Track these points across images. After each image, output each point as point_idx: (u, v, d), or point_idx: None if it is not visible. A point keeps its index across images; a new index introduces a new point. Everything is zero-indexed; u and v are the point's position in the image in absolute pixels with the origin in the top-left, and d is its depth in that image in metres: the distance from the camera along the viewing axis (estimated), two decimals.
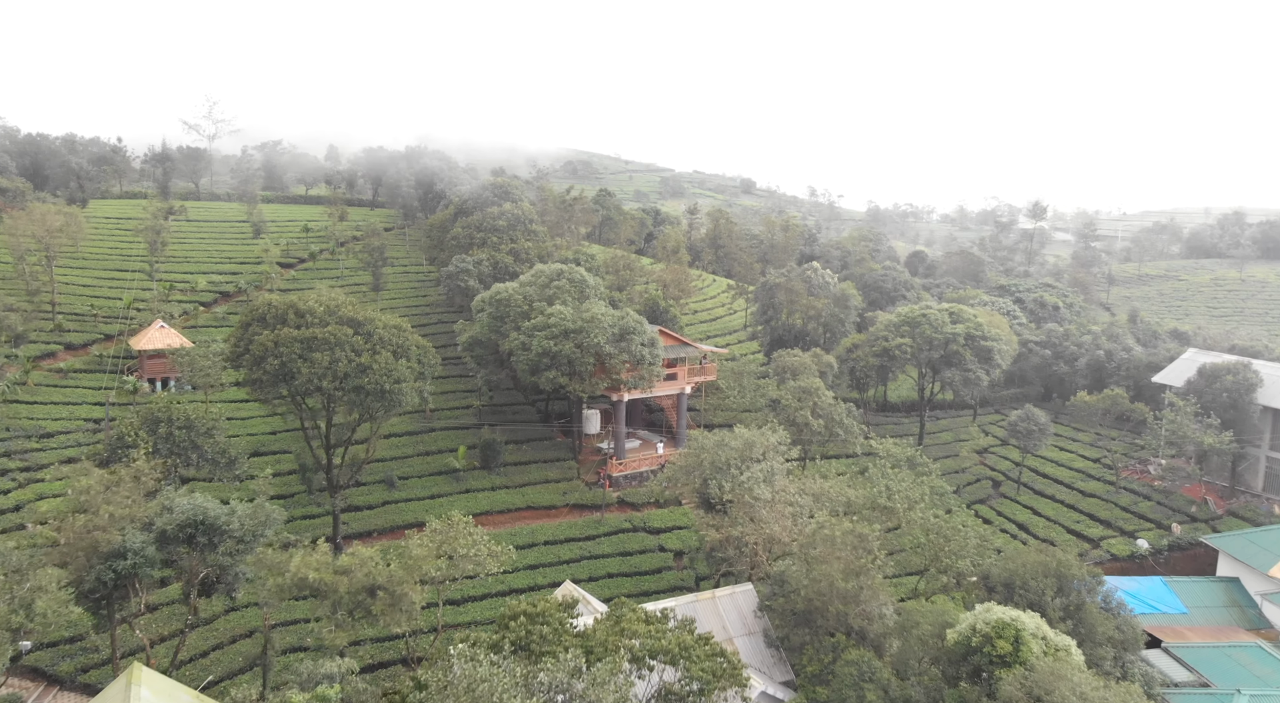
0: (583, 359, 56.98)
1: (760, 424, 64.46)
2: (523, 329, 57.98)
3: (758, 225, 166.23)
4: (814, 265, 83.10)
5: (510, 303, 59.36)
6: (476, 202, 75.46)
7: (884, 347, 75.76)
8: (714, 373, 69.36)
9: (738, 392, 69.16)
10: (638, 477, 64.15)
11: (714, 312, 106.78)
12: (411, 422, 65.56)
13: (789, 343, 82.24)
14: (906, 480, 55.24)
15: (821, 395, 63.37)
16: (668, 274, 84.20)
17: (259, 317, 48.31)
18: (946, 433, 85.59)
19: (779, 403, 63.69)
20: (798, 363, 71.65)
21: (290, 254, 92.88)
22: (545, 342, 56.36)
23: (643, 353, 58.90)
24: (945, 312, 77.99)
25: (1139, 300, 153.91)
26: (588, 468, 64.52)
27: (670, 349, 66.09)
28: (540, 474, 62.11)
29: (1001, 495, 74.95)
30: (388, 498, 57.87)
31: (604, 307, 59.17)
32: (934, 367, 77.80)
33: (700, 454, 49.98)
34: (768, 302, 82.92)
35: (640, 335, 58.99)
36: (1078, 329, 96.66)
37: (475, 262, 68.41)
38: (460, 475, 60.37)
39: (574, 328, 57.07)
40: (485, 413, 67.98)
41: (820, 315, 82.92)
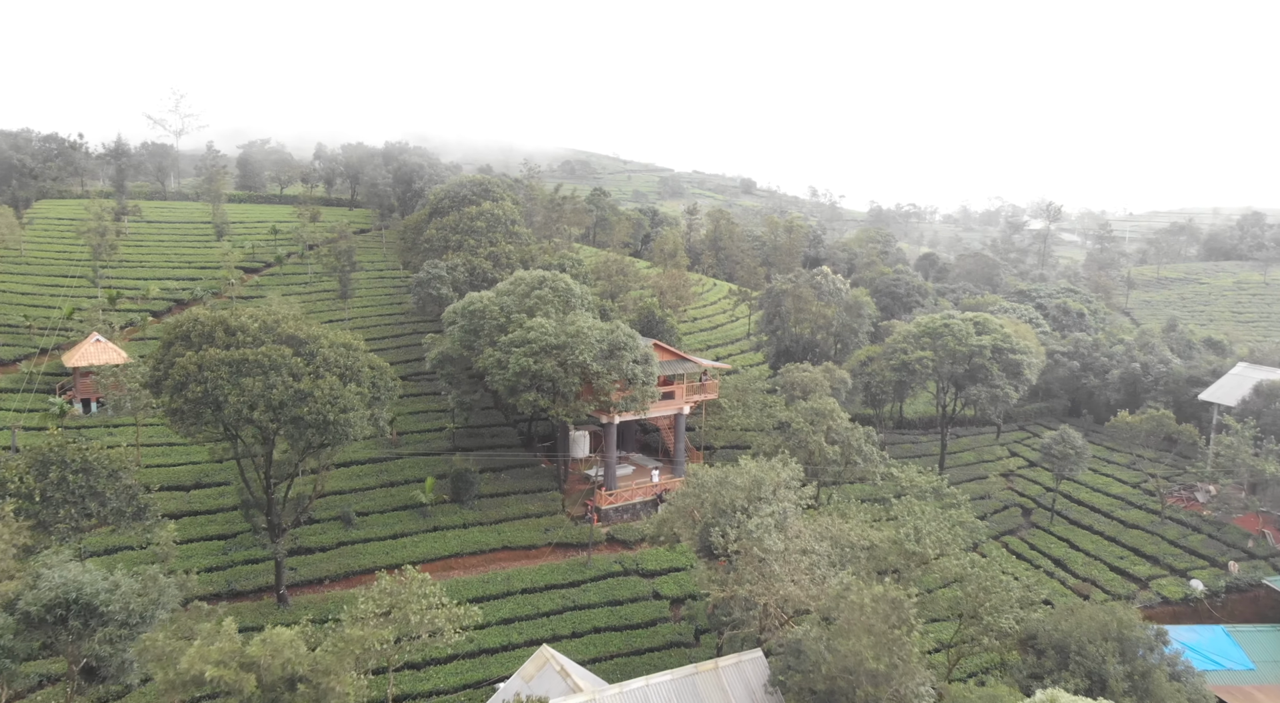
0: (566, 379, 49.91)
1: (767, 450, 57.41)
2: (499, 345, 50.89)
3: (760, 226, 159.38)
4: (824, 270, 76.01)
5: (485, 315, 52.27)
6: (453, 200, 68.50)
7: (903, 360, 68.67)
8: (715, 391, 62.36)
9: (742, 412, 62.07)
10: (630, 509, 57.02)
11: (715, 319, 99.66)
12: (374, 448, 58.38)
13: (796, 355, 75.19)
14: (934, 517, 48.36)
15: (837, 418, 56.27)
16: (664, 280, 77.08)
17: (182, 335, 41.18)
18: (968, 453, 78.52)
19: (788, 426, 56.59)
20: (808, 379, 64.56)
21: (256, 258, 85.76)
22: (524, 359, 49.27)
23: (635, 371, 51.83)
24: (969, 321, 70.91)
25: (1160, 305, 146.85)
26: (574, 499, 57.39)
27: (666, 365, 59.03)
28: (519, 508, 54.95)
29: (1033, 525, 67.87)
30: (343, 538, 50.72)
31: (591, 319, 52.10)
32: (957, 382, 70.73)
33: (700, 494, 42.87)
34: (773, 310, 75.83)
35: (632, 351, 51.92)
36: (1107, 338, 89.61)
37: (449, 267, 61.32)
38: (428, 511, 53.22)
39: (557, 344, 50.01)
40: (460, 436, 60.84)
41: (831, 325, 75.86)
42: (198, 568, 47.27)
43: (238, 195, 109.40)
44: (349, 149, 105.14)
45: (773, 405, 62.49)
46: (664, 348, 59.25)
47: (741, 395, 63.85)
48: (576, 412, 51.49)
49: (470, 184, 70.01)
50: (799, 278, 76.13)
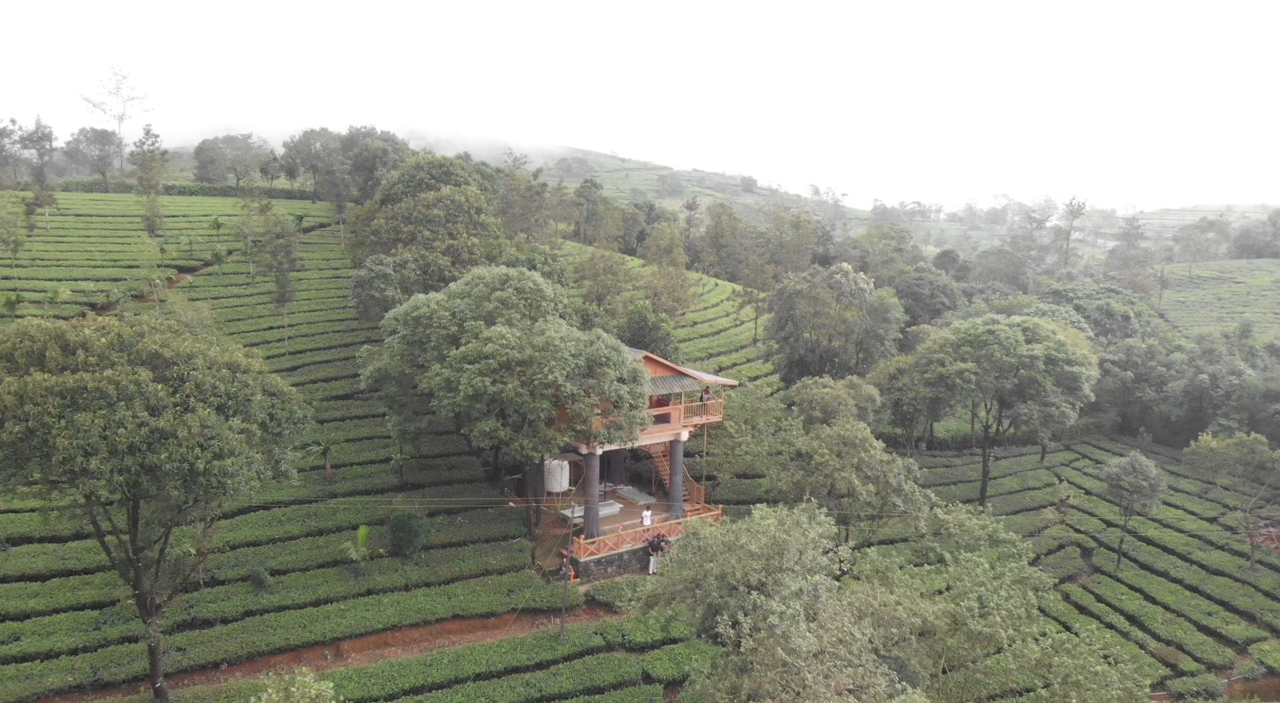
0: (533, 403, 39.36)
1: (784, 487, 46.82)
2: (448, 360, 40.32)
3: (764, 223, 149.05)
4: (843, 267, 65.43)
5: (433, 322, 41.71)
6: (408, 184, 57.99)
7: (940, 373, 58.10)
8: (719, 412, 51.82)
9: (751, 437, 51.54)
10: (615, 561, 46.41)
11: (717, 323, 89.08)
12: (300, 485, 47.80)
13: (812, 365, 64.61)
14: (993, 575, 38.19)
15: (870, 448, 45.70)
16: (659, 280, 66.49)
17: (4, 354, 30.60)
18: (1010, 478, 67.96)
19: (810, 458, 46.04)
20: (829, 397, 53.98)
21: (193, 255, 75.17)
22: (478, 379, 38.70)
23: (620, 393, 41.27)
24: (1017, 328, 60.34)
25: (1195, 306, 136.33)
26: (547, 547, 46.79)
27: (660, 382, 48.49)
28: (478, 562, 44.30)
29: (1095, 569, 57.33)
30: (252, 605, 40.10)
31: (565, 327, 41.53)
32: (1003, 399, 60.15)
33: (703, 563, 32.32)
34: (785, 313, 65.25)
35: (616, 368, 41.36)
36: (1162, 345, 79.05)
37: (397, 264, 50.78)
38: (361, 568, 42.61)
39: (521, 359, 39.46)
40: (410, 469, 50.23)
41: (852, 331, 65.33)
42: (60, 649, 36.96)
43: (188, 187, 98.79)
44: (311, 136, 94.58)
45: (789, 429, 51.90)
46: (657, 361, 48.70)
47: (751, 417, 53.30)
48: (546, 444, 40.92)
49: (429, 165, 59.40)
50: (814, 276, 65.55)
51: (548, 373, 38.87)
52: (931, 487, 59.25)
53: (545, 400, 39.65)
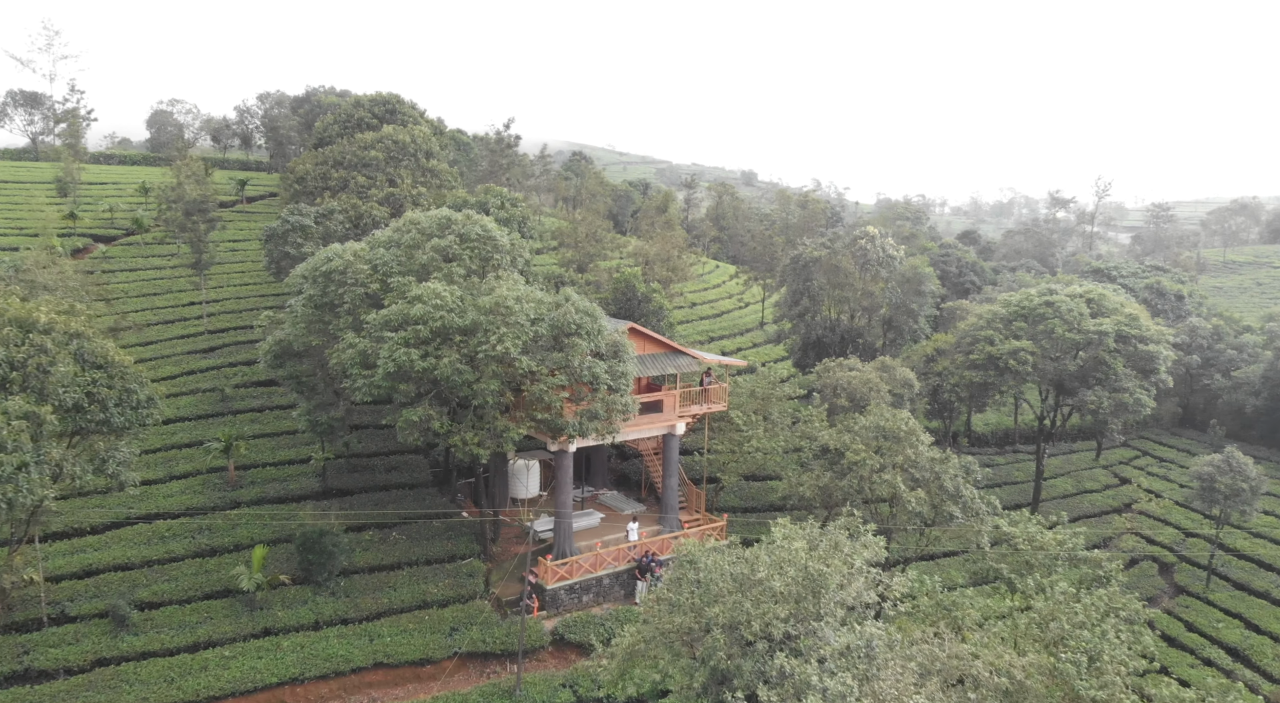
0: (478, 384, 29.40)
1: (807, 493, 36.89)
2: (366, 326, 30.35)
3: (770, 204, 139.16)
4: (869, 231, 55.49)
5: (347, 278, 31.74)
6: (345, 125, 48.09)
7: (989, 354, 48.13)
8: (724, 399, 41.81)
9: (763, 430, 41.53)
10: (593, 587, 36.47)
11: (719, 305, 79.14)
12: (197, 491, 37.90)
13: (831, 348, 54.61)
14: (1079, 605, 28.69)
15: (918, 443, 35.79)
16: (652, 248, 56.45)
17: None
18: (1063, 478, 58.01)
19: (839, 455, 36.14)
20: (858, 382, 44.04)
21: (115, 224, 65.25)
22: (402, 351, 28.73)
23: (595, 371, 31.29)
24: (1080, 299, 50.36)
25: (1234, 291, 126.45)
26: (505, 571, 36.86)
27: (651, 361, 38.58)
28: (414, 591, 34.30)
29: (1179, 590, 47.41)
30: (107, 652, 30.16)
31: (524, 286, 31.50)
32: (1062, 384, 50.18)
33: (705, 607, 22.40)
34: (800, 286, 55.24)
35: (591, 338, 31.40)
36: (1228, 326, 69.07)
37: (321, 214, 40.86)
38: (258, 600, 32.64)
39: (462, 325, 29.51)
40: (337, 471, 40.31)
41: (879, 307, 55.35)
42: None
43: (130, 156, 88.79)
44: (265, 99, 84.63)
45: (809, 420, 41.95)
46: (646, 335, 38.78)
47: (762, 405, 43.33)
48: (498, 438, 30.94)
49: (370, 102, 49.38)
50: (834, 242, 55.57)
51: (496, 343, 28.91)
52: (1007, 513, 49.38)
53: (495, 380, 29.67)
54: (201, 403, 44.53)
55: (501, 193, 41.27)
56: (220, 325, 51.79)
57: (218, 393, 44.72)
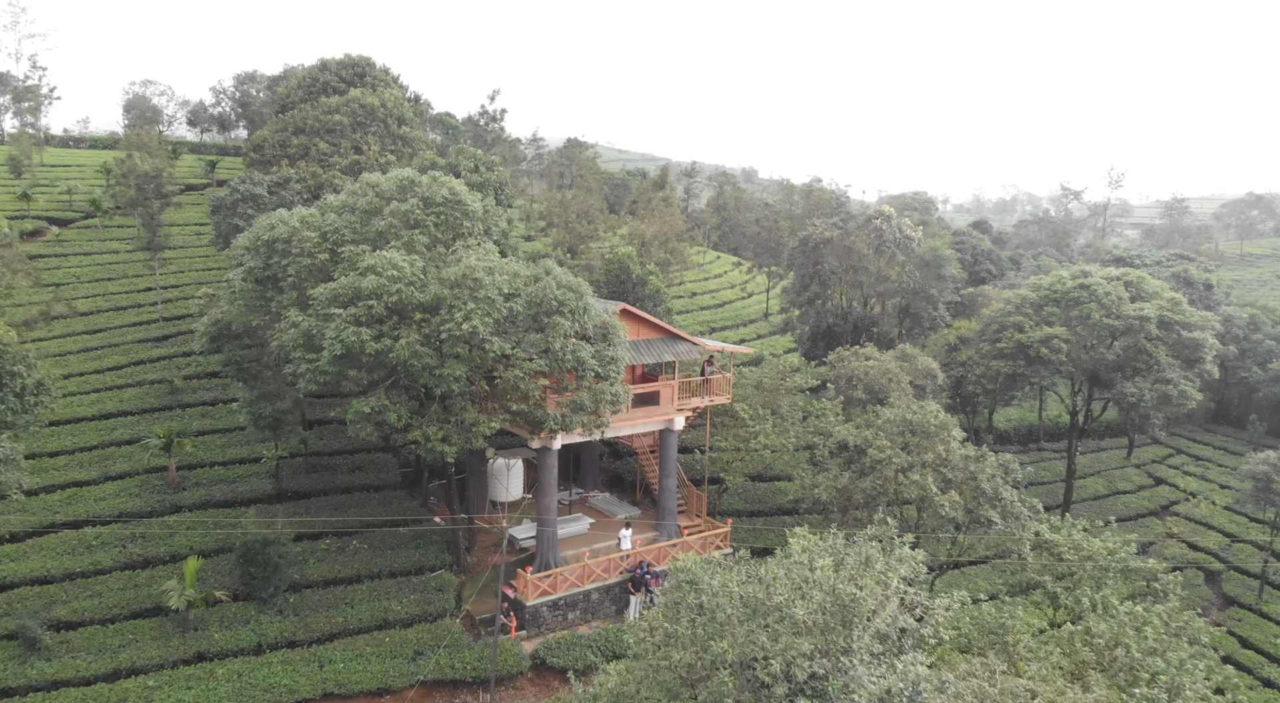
0: (441, 370, 25.04)
1: (823, 496, 32.56)
2: (312, 303, 26.01)
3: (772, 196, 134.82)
4: (885, 211, 51.19)
5: (292, 247, 27.37)
6: (309, 90, 43.76)
7: (1018, 341, 43.80)
8: (728, 391, 37.42)
9: (771, 425, 37.12)
10: (579, 602, 32.11)
11: (720, 294, 74.83)
12: (133, 493, 33.56)
13: (843, 337, 50.22)
14: (1168, 629, 24.53)
15: (949, 439, 31.49)
16: (649, 228, 52.06)
17: None
18: (1093, 479, 53.67)
19: (860, 453, 31.83)
20: (876, 372, 39.70)
21: (74, 207, 60.89)
22: (351, 331, 24.38)
23: (580, 356, 26.92)
24: (1118, 282, 46.05)
25: (1253, 284, 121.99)
26: (479, 583, 32.50)
27: (646, 348, 34.24)
28: (374, 609, 29.92)
29: (1229, 600, 43.09)
30: (13, 681, 25.81)
31: (497, 257, 27.12)
32: (1097, 375, 45.83)
33: (709, 639, 18.06)
34: (809, 270, 50.89)
35: (576, 318, 27.05)
36: (1265, 315, 64.75)
37: (276, 182, 36.51)
38: (192, 620, 28.29)
39: (423, 300, 25.20)
40: (294, 471, 35.96)
41: (895, 293, 50.99)
42: None
43: (100, 140, 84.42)
44: (241, 79, 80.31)
45: (823, 414, 37.62)
46: (641, 318, 34.43)
47: (770, 398, 38.96)
48: (467, 434, 26.56)
49: (338, 66, 44.97)
50: (847, 222, 51.23)
51: (463, 321, 24.55)
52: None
53: (462, 366, 25.30)
54: (148, 395, 40.17)
55: (476, 154, 36.78)
56: (177, 312, 47.40)
57: (167, 385, 40.39)
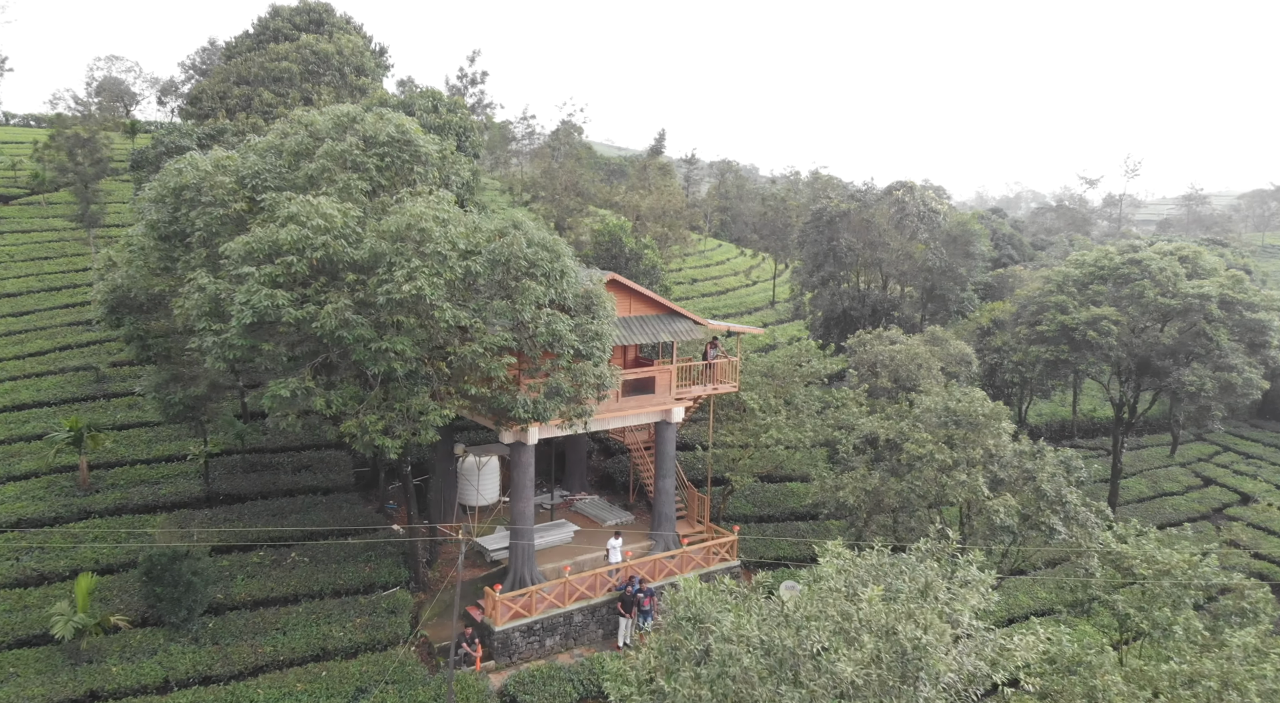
0: (379, 343, 19.97)
1: (849, 499, 27.56)
2: (224, 260, 20.96)
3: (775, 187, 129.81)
4: (907, 182, 46.12)
5: (202, 195, 22.32)
6: (260, 37, 38.81)
7: (1061, 324, 38.79)
8: (734, 378, 32.33)
9: (785, 417, 32.02)
10: (560, 626, 27.04)
11: (723, 282, 69.81)
12: (37, 496, 28.50)
13: (861, 322, 45.28)
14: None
15: (1000, 430, 26.44)
16: (644, 200, 47.00)
17: None
18: (1135, 478, 48.57)
19: (895, 449, 26.79)
20: (903, 357, 34.69)
21: (19, 184, 55.93)
22: (264, 294, 19.35)
23: (556, 329, 21.85)
24: (1173, 257, 41.01)
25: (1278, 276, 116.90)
26: (440, 603, 27.43)
27: (639, 326, 29.20)
28: (310, 635, 24.83)
29: None
30: None
31: (451, 206, 21.99)
32: (1147, 362, 40.78)
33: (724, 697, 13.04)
34: (823, 247, 45.90)
35: (553, 282, 22.00)
36: None
37: (208, 134, 31.49)
38: (83, 650, 23.24)
39: (358, 257, 20.18)
40: (229, 470, 30.91)
41: (918, 273, 45.99)
42: None
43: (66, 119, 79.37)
44: (209, 53, 75.34)
45: (844, 404, 32.57)
46: (633, 290, 29.37)
47: (782, 387, 33.90)
48: (414, 423, 21.44)
49: (291, 13, 39.85)
50: (866, 194, 46.20)
51: (404, 282, 19.50)
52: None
53: (405, 339, 20.24)
54: (70, 384, 35.14)
55: (434, 93, 31.64)
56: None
57: (92, 371, 35.38)
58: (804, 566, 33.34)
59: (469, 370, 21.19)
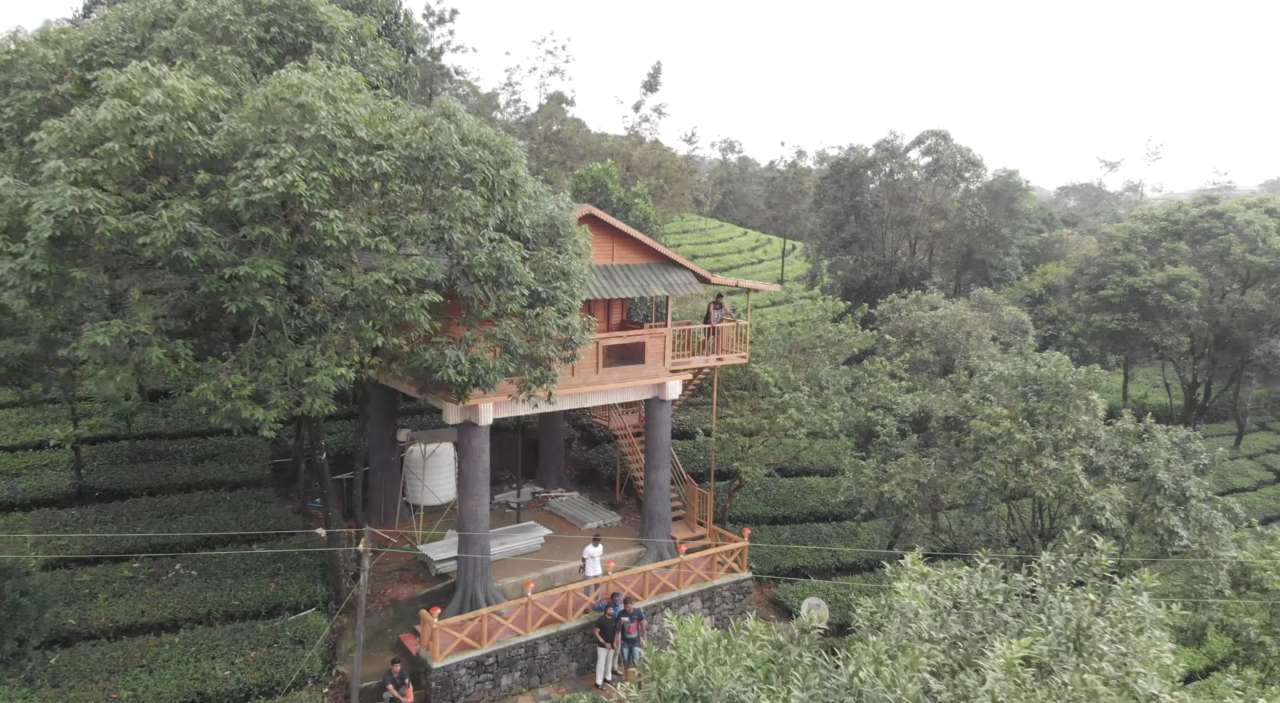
0: (241, 271, 13.79)
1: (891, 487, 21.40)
2: (37, 157, 14.82)
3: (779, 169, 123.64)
4: (941, 130, 39.94)
5: (14, 76, 16.19)
6: None
7: (1130, 287, 32.65)
8: (743, 347, 26.14)
9: (807, 395, 25.73)
10: (521, 660, 20.84)
11: (725, 259, 63.60)
12: None
13: (886, 291, 39.09)
14: None
15: (1094, 404, 20.23)
16: (636, 151, 40.82)
17: None
18: None
19: (957, 429, 20.59)
20: (948, 324, 28.54)
21: None
22: (71, 198, 13.21)
23: (503, 259, 15.65)
24: (1259, 209, 34.85)
25: None
26: (371, 631, 21.22)
27: (622, 276, 23.03)
28: (184, 675, 18.63)
29: None
30: None
31: (354, 82, 15.76)
32: (1224, 334, 34.59)
33: None
34: (845, 204, 39.76)
35: (496, 193, 15.86)
36: None
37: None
38: None
39: (215, 150, 14.02)
40: (112, 461, 24.77)
41: (957, 233, 39.84)
42: None
43: None
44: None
45: (874, 378, 26.43)
46: (615, 229, 23.21)
47: (803, 360, 27.74)
48: (296, 388, 15.22)
49: None
50: (895, 140, 40.04)
51: (271, 175, 13.35)
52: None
53: (275, 263, 14.09)
54: None
55: None
56: None
57: None
58: (828, 577, 27.23)
59: (370, 308, 15.02)
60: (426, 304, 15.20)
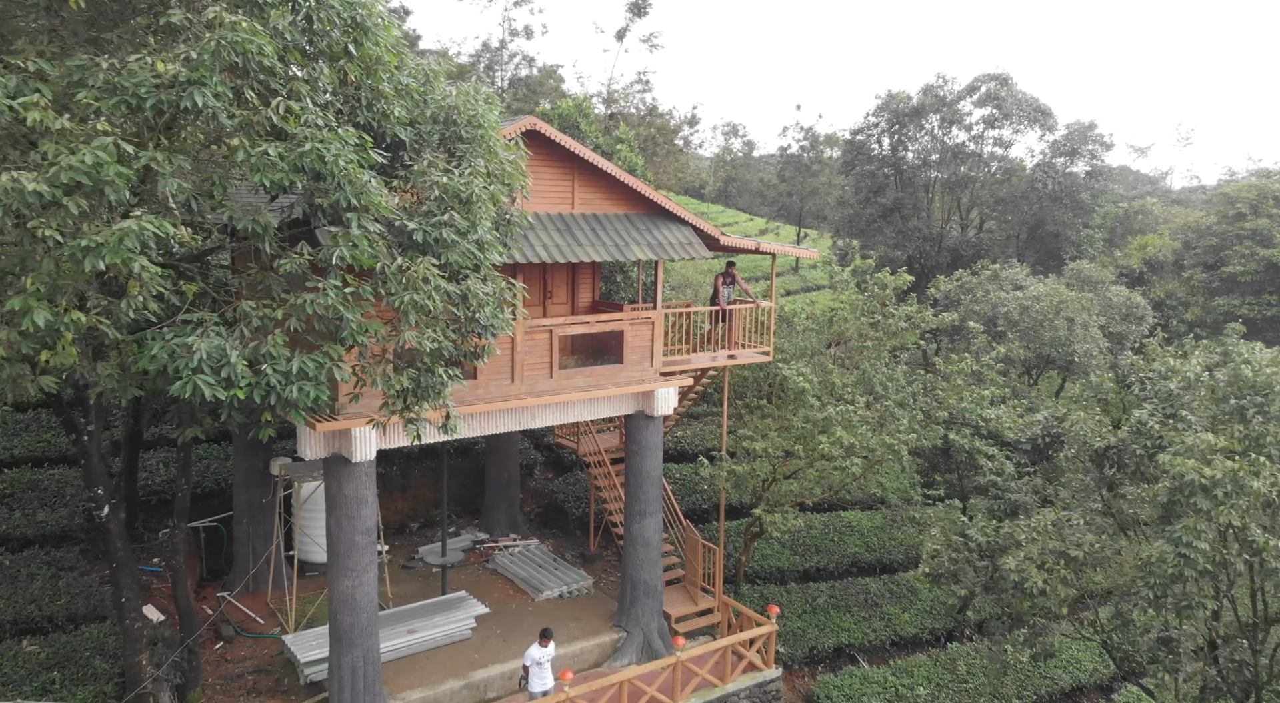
0: None
1: (1018, 565, 13.33)
2: None
3: None
4: (1002, 75, 32.08)
5: None
6: None
7: (1267, 261, 24.78)
8: (764, 339, 18.38)
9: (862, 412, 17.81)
10: None
11: None
12: None
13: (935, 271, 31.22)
14: None
15: None
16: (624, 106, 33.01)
17: None
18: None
19: (1110, 461, 12.71)
20: (1044, 306, 20.65)
21: None
22: None
23: (333, 162, 7.75)
24: None
25: None
26: None
27: (588, 228, 15.19)
28: None
29: None
30: None
31: None
32: None
33: None
34: (879, 163, 31.88)
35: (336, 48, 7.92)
36: None
37: None
38: None
39: None
40: None
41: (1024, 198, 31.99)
42: None
43: None
44: None
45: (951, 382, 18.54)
46: (574, 156, 15.35)
47: (849, 357, 19.88)
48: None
49: None
50: (943, 91, 32.12)
51: None
52: None
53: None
54: None
55: None
56: None
57: None
58: (884, 657, 19.50)
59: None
60: (148, 245, 7.37)
